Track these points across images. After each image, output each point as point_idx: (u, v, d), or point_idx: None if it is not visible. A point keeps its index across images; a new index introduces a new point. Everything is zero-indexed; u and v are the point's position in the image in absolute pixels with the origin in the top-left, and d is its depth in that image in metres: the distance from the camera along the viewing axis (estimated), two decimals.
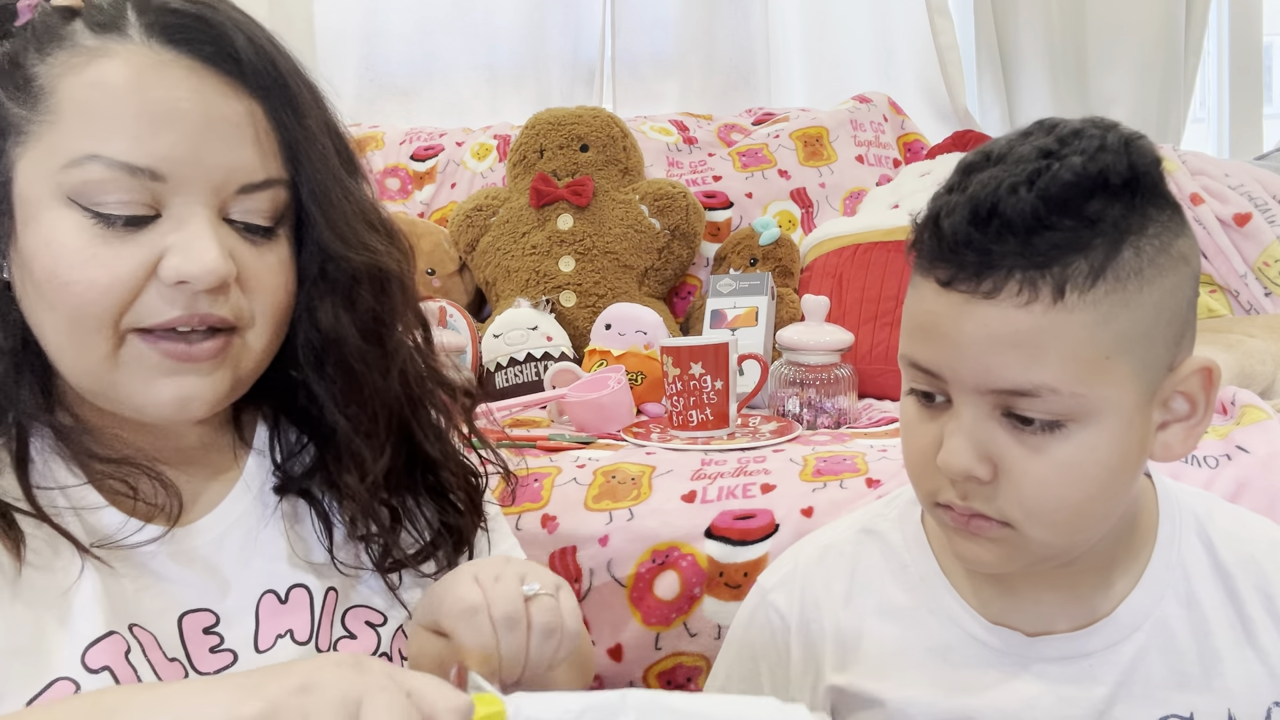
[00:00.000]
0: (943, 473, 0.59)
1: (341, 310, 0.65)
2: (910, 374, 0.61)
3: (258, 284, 0.61)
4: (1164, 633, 0.64)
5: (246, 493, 0.68)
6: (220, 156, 0.59)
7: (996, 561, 0.61)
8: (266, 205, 0.61)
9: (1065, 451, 0.56)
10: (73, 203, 0.57)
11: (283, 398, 0.69)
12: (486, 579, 0.58)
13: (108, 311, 0.57)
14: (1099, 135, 0.55)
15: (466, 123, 2.09)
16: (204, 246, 0.58)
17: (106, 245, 0.57)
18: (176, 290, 0.58)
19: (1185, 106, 2.20)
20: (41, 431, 0.61)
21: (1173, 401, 0.60)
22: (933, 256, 0.58)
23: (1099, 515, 0.59)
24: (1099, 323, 0.54)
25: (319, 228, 0.64)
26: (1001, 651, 0.65)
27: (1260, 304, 1.65)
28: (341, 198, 0.65)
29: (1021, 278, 0.54)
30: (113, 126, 0.57)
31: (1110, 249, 0.54)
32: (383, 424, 0.68)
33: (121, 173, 0.56)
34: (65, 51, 0.58)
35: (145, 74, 0.57)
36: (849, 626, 0.69)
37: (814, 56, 2.26)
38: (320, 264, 0.64)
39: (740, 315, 1.57)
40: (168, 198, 0.58)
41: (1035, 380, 0.55)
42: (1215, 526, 0.67)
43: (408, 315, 0.70)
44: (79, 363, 0.59)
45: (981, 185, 0.55)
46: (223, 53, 0.60)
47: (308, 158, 0.63)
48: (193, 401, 0.60)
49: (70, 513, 0.60)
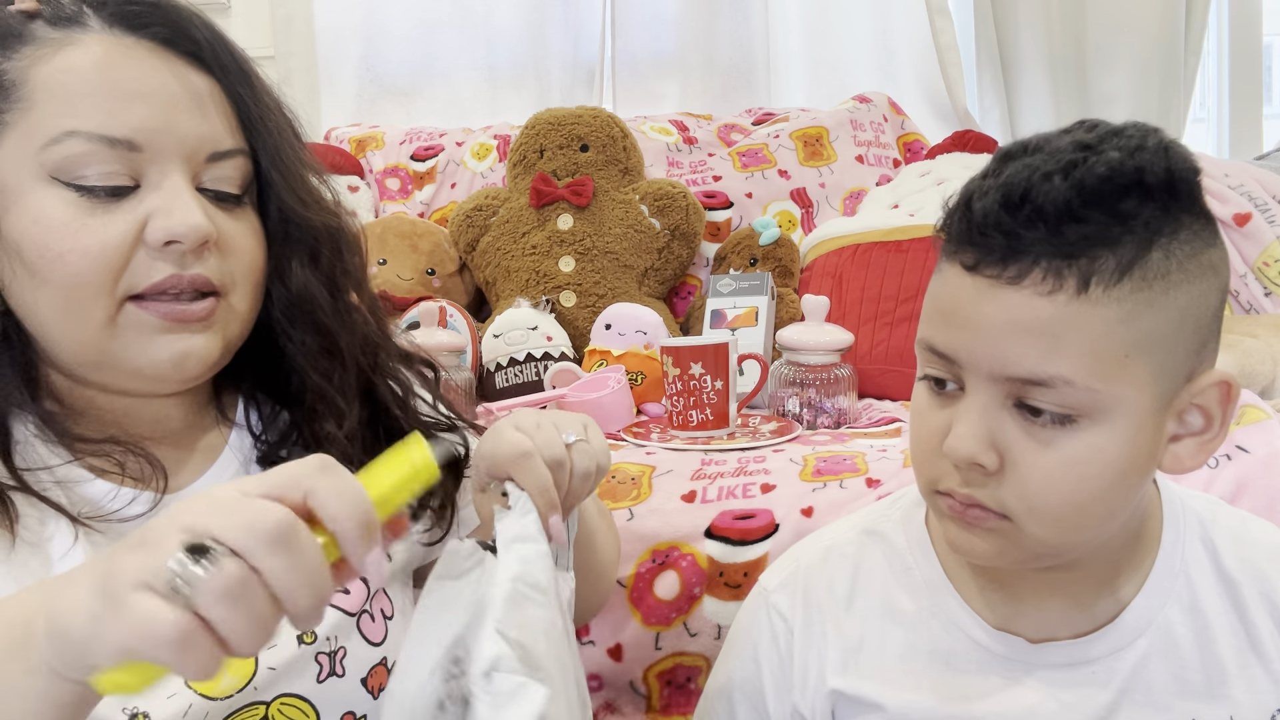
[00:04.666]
0: (949, 458, 0.58)
1: (308, 270, 0.69)
2: (925, 358, 0.61)
3: (234, 247, 0.65)
4: (1167, 639, 0.63)
5: (231, 463, 0.70)
6: (190, 126, 0.63)
7: (990, 554, 0.60)
8: (234, 173, 0.66)
9: (1074, 447, 0.56)
10: (55, 180, 0.60)
11: (257, 373, 0.73)
12: (529, 428, 0.64)
13: (102, 277, 0.60)
14: (1139, 136, 0.55)
15: (466, 123, 2.09)
16: (185, 206, 0.61)
17: (93, 216, 0.60)
18: (164, 251, 0.61)
19: (1185, 106, 2.20)
20: (24, 419, 0.63)
21: (1188, 414, 0.59)
22: (961, 239, 0.58)
23: (1100, 517, 0.59)
24: (1121, 320, 0.54)
25: (280, 190, 0.68)
26: (1005, 658, 0.65)
27: (1260, 304, 1.65)
28: (296, 163, 0.69)
29: (1047, 266, 0.54)
30: (87, 103, 0.60)
31: (1140, 248, 0.54)
32: (352, 377, 0.72)
33: (100, 145, 0.60)
34: (30, 46, 0.61)
35: (111, 55, 0.61)
36: (851, 630, 0.69)
37: (814, 56, 2.26)
38: (284, 228, 0.69)
39: (740, 315, 1.57)
40: (144, 168, 0.61)
41: (1051, 371, 0.54)
42: (1219, 532, 0.66)
43: (362, 285, 0.75)
44: (77, 334, 0.61)
45: (1016, 172, 0.55)
46: (180, 35, 0.64)
47: (264, 129, 0.67)
48: (189, 359, 0.63)
49: (57, 488, 0.62)
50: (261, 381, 0.73)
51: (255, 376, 0.73)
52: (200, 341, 0.64)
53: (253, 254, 0.67)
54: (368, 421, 0.74)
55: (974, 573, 0.67)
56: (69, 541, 0.60)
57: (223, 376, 0.71)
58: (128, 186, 0.61)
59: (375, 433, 0.75)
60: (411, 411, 0.77)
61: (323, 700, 0.65)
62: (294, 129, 0.71)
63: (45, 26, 0.62)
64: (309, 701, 0.64)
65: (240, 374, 0.73)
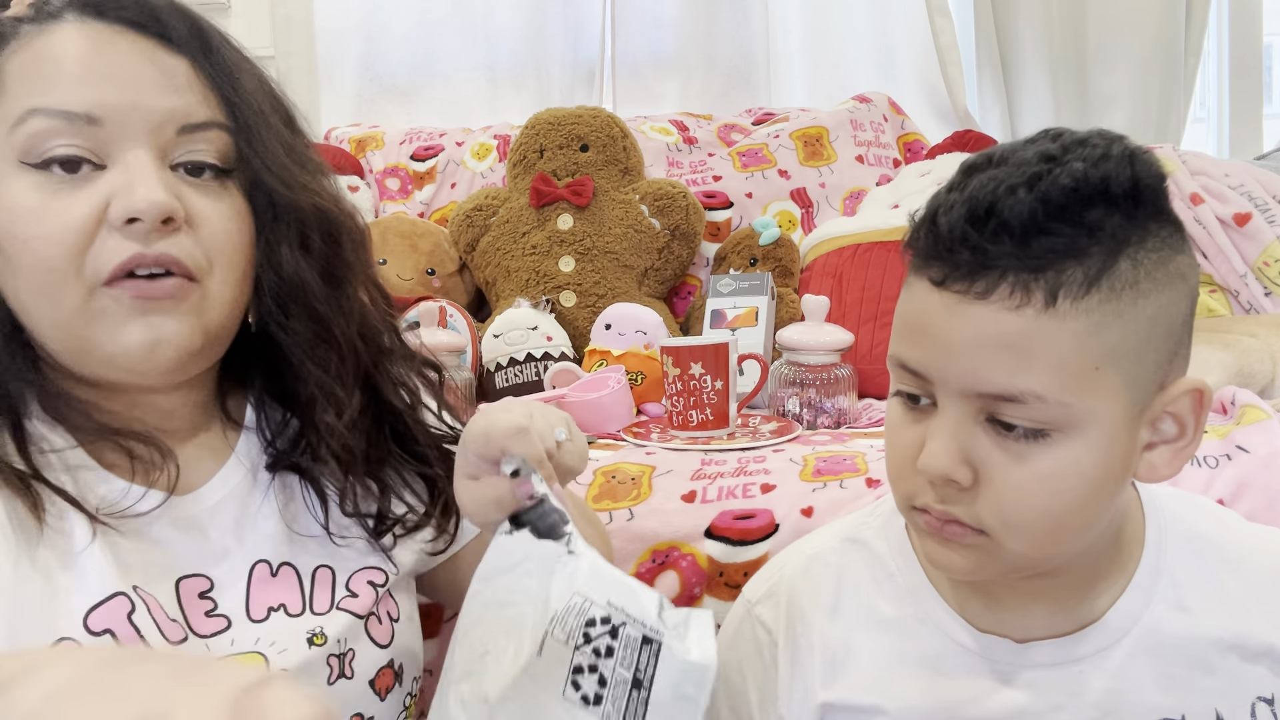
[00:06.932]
0: (923, 474, 0.58)
1: (299, 255, 0.68)
2: (897, 375, 0.61)
3: (207, 227, 0.64)
4: (1153, 637, 0.63)
5: (240, 467, 0.70)
6: (156, 100, 0.62)
7: (969, 569, 0.60)
8: (209, 146, 0.65)
9: (1047, 461, 0.55)
10: (23, 165, 0.60)
11: (266, 379, 0.72)
12: (523, 413, 0.63)
13: (66, 260, 0.60)
14: (1103, 145, 0.55)
15: (466, 123, 2.09)
16: (146, 182, 0.60)
17: (55, 197, 0.60)
18: (127, 230, 0.60)
19: (1185, 106, 2.20)
20: (36, 406, 0.63)
21: (1161, 422, 0.59)
22: (928, 254, 0.57)
23: (1076, 529, 0.58)
24: (1090, 332, 0.53)
25: (259, 170, 0.66)
26: (992, 660, 0.64)
27: (1260, 304, 1.65)
28: (276, 142, 0.67)
29: (1015, 280, 0.54)
30: (50, 83, 0.60)
31: (1107, 258, 0.54)
32: (350, 367, 0.71)
33: (59, 120, 0.59)
34: (12, 42, 0.62)
35: (80, 39, 0.62)
36: (837, 639, 0.68)
37: (814, 56, 2.26)
38: (271, 210, 0.67)
39: (740, 315, 1.57)
40: (109, 146, 0.61)
41: (1022, 386, 0.54)
42: (1201, 531, 0.66)
43: (363, 274, 0.73)
44: (53, 319, 0.61)
45: (981, 185, 0.55)
46: (148, 18, 0.64)
47: (241, 107, 0.66)
48: (161, 344, 0.62)
49: (70, 479, 0.62)
50: (269, 385, 0.73)
51: (263, 380, 0.73)
52: (173, 325, 0.62)
53: (229, 234, 0.64)
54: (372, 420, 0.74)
55: (956, 581, 0.67)
56: (88, 535, 0.60)
57: (228, 378, 0.71)
58: (87, 160, 0.60)
59: (378, 423, 0.74)
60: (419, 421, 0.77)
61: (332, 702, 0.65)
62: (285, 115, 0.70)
63: (27, 25, 0.63)
64: None
65: (247, 377, 0.72)
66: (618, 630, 0.53)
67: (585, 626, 0.53)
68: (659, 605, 0.53)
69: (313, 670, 0.65)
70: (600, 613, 0.53)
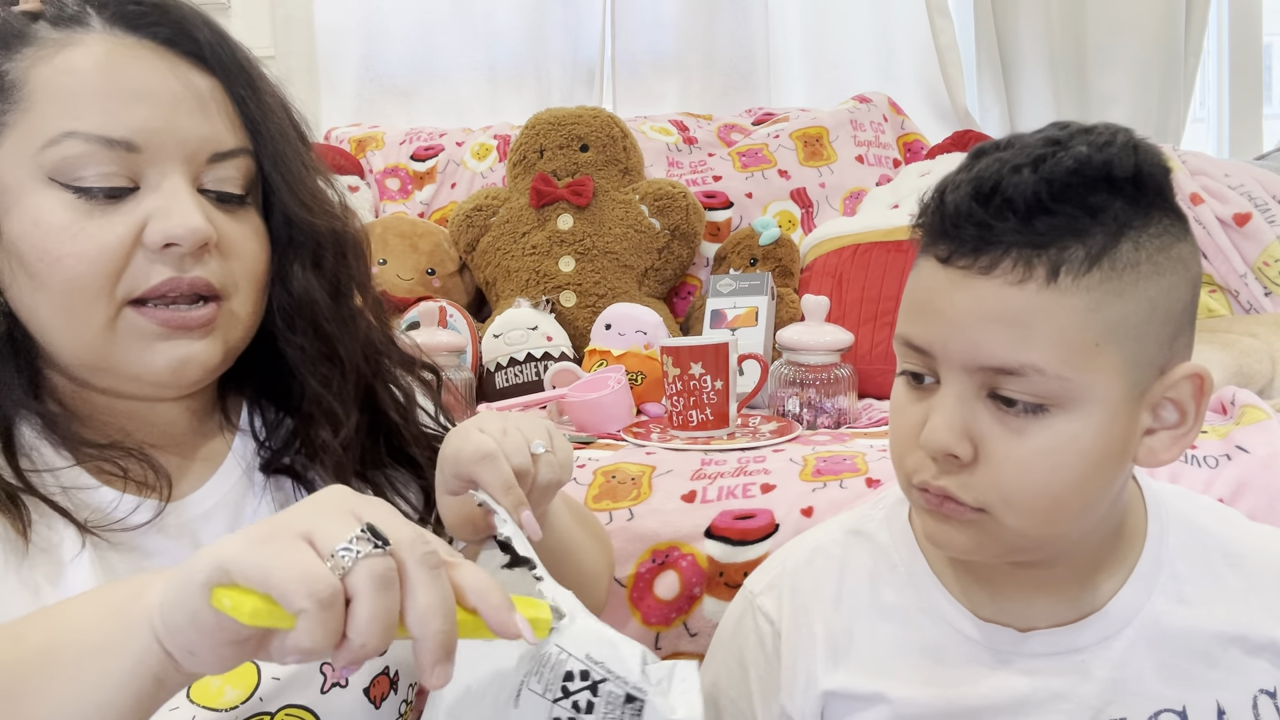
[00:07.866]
0: (924, 449, 0.59)
1: (310, 274, 0.68)
2: (902, 354, 0.62)
3: (236, 250, 0.64)
4: (1155, 628, 0.64)
5: (234, 470, 0.70)
6: (191, 127, 0.62)
7: (968, 547, 0.61)
8: (236, 173, 0.64)
9: (1047, 437, 0.56)
10: (54, 182, 0.59)
11: (261, 379, 0.72)
12: (495, 431, 0.62)
13: (100, 281, 0.59)
14: (1108, 133, 0.56)
15: (466, 123, 2.09)
16: (185, 208, 0.60)
17: (91, 219, 0.59)
18: (163, 254, 0.60)
19: (1185, 106, 2.20)
20: (30, 420, 0.62)
21: (1162, 409, 0.60)
22: (934, 232, 0.59)
23: (1075, 508, 0.59)
24: (1090, 308, 0.55)
25: (282, 193, 0.67)
26: (994, 649, 0.65)
27: (1260, 304, 1.65)
28: (300, 167, 0.68)
29: (1018, 256, 0.55)
30: (87, 104, 0.59)
31: (1109, 239, 0.55)
32: (351, 385, 0.71)
33: (99, 146, 0.59)
34: (31, 47, 0.61)
35: (113, 56, 0.61)
36: (839, 628, 0.69)
37: (814, 56, 2.26)
38: (288, 230, 0.68)
39: (740, 315, 1.57)
40: (143, 169, 0.61)
41: (1022, 359, 0.55)
42: (1203, 526, 0.67)
43: (366, 288, 0.74)
44: (77, 337, 0.61)
45: (987, 166, 0.56)
46: (182, 35, 0.63)
47: (267, 130, 0.66)
48: (188, 366, 0.63)
49: (62, 494, 0.61)
50: (265, 387, 0.73)
51: (259, 381, 0.72)
52: (200, 347, 0.63)
53: (254, 257, 0.66)
54: (368, 430, 0.73)
55: (958, 570, 0.67)
56: (77, 547, 0.59)
57: (227, 380, 0.71)
58: (126, 188, 0.60)
59: (375, 441, 0.74)
60: (413, 421, 0.77)
61: (326, 711, 0.65)
62: (299, 131, 0.70)
63: (47, 27, 0.61)
64: (313, 712, 0.64)
65: (244, 378, 0.72)
66: (598, 687, 0.52)
67: (563, 680, 0.52)
68: (642, 659, 0.52)
69: (306, 678, 0.64)
70: (579, 666, 0.52)
